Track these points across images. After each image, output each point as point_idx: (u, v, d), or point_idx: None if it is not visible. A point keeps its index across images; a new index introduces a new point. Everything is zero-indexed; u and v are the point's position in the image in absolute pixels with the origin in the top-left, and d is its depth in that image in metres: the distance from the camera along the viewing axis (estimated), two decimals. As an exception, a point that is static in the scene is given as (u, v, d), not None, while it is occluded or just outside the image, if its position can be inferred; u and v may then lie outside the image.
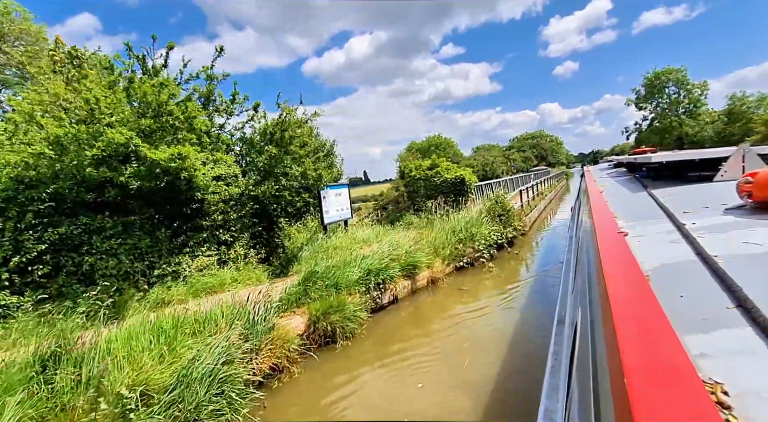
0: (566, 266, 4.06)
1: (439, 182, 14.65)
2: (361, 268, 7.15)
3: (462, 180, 14.46)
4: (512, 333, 5.95)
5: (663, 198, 2.89)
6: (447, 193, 14.62)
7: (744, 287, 1.11)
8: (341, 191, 12.32)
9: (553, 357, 2.37)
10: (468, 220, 10.94)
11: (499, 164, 62.94)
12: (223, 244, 8.78)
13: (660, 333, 0.80)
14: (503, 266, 10.04)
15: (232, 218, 8.76)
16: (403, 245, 8.52)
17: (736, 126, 44.81)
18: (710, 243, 1.57)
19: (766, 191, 1.94)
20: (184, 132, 7.20)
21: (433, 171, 14.86)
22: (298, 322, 5.78)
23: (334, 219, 11.88)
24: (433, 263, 8.88)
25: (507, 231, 11.67)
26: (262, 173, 9.60)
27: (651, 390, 0.64)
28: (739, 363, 0.85)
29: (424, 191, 14.90)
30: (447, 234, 9.94)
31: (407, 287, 7.97)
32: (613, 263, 1.33)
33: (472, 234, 10.22)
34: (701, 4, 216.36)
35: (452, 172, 14.74)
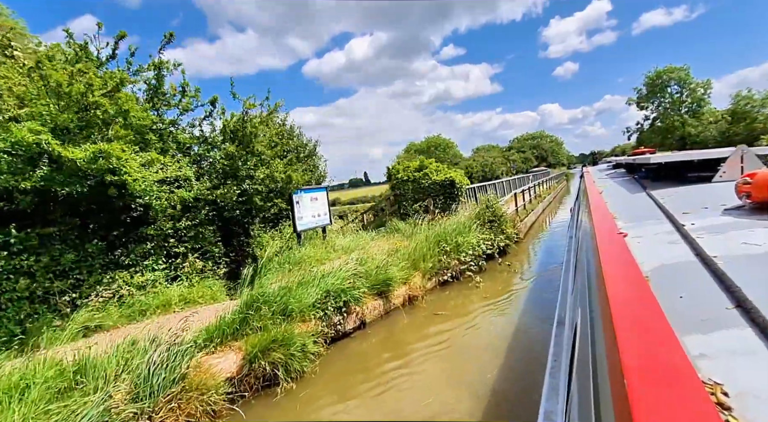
0: (566, 267, 3.98)
1: (428, 185, 13.54)
2: (320, 288, 6.05)
3: (452, 182, 13.34)
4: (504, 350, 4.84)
5: (662, 199, 2.86)
6: (436, 196, 13.52)
7: (743, 287, 1.10)
8: (318, 194, 11.23)
9: (552, 358, 2.34)
10: (455, 227, 9.81)
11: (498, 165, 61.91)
12: (176, 256, 7.69)
13: (660, 334, 0.80)
14: (493, 279, 8.92)
15: (183, 227, 7.67)
16: (374, 259, 7.41)
17: (740, 126, 43.55)
18: (709, 244, 1.56)
19: (765, 191, 1.92)
20: (117, 128, 6.11)
21: (421, 173, 13.75)
22: (231, 362, 4.68)
23: (309, 226, 10.79)
24: (411, 278, 7.78)
25: (498, 239, 10.55)
26: (221, 175, 8.51)
27: (651, 390, 0.63)
28: (739, 363, 0.83)
29: (411, 194, 13.80)
30: (430, 244, 8.83)
31: (378, 308, 6.86)
32: (612, 264, 1.31)
33: (458, 244, 9.10)
34: (701, 4, 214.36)
35: (441, 173, 13.62)
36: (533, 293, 7.74)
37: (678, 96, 47.89)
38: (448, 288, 8.47)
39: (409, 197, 13.83)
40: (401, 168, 14.23)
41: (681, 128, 46.48)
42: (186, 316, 5.16)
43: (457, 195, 13.48)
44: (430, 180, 13.52)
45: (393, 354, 5.76)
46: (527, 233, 14.00)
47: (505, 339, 5.68)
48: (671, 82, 47.52)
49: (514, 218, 12.90)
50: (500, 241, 10.57)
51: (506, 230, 10.92)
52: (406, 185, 13.88)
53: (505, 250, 10.93)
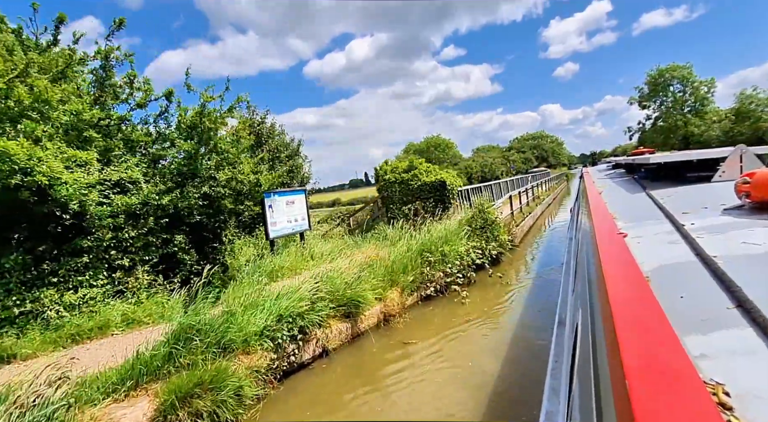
0: (566, 267, 3.93)
1: (416, 187, 12.56)
2: (271, 313, 5.07)
3: (443, 184, 12.36)
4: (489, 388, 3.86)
5: (662, 199, 2.84)
6: (425, 199, 12.54)
7: (743, 287, 1.10)
8: (295, 198, 10.25)
9: (554, 358, 2.33)
10: (441, 234, 8.83)
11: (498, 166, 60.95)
12: (119, 269, 6.73)
13: (660, 334, 0.80)
14: (482, 293, 7.94)
15: (128, 237, 6.71)
16: (343, 274, 6.43)
17: (744, 125, 42.43)
18: (709, 244, 1.54)
19: (764, 191, 1.91)
20: (28, 123, 5.15)
21: (410, 174, 12.77)
22: (140, 412, 3.71)
23: (284, 232, 9.82)
24: (387, 294, 6.80)
25: (490, 247, 9.55)
26: (176, 176, 7.55)
27: (652, 391, 0.63)
28: (740, 363, 0.83)
29: (399, 197, 12.82)
30: (412, 255, 7.84)
31: (345, 331, 5.89)
32: (612, 265, 1.31)
33: (444, 254, 8.12)
34: (701, 5, 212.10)
35: (432, 174, 12.64)
36: (527, 311, 6.75)
37: (681, 95, 46.76)
38: (432, 304, 7.49)
39: (397, 200, 12.86)
40: (389, 169, 13.26)
41: (684, 127, 45.35)
42: (71, 357, 4.18)
43: (449, 197, 12.50)
44: (420, 181, 12.55)
45: (357, 388, 4.79)
46: (523, 239, 13.00)
47: (488, 374, 4.70)
48: (674, 80, 46.38)
49: (509, 222, 11.91)
50: (492, 249, 9.58)
51: (499, 237, 9.92)
52: (393, 187, 12.90)
53: (498, 258, 9.94)
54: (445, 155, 62.93)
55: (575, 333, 1.85)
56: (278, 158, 12.53)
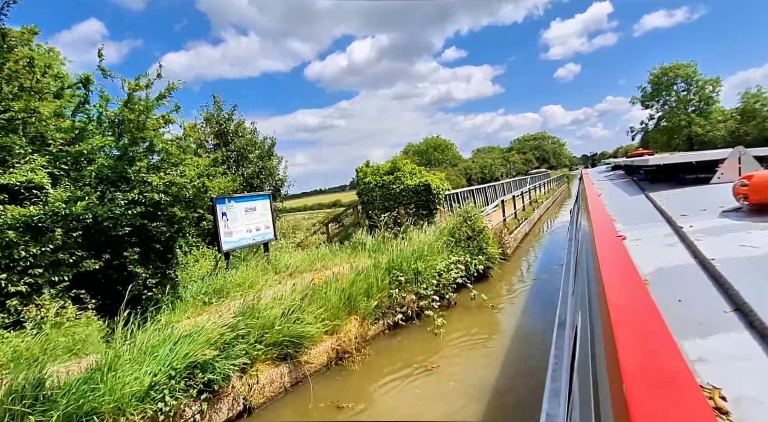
0: (566, 269, 3.94)
1: (399, 191, 11.28)
2: (162, 364, 3.79)
3: (427, 188, 11.07)
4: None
5: (660, 201, 2.81)
6: (408, 204, 11.25)
7: (741, 290, 1.10)
8: (257, 204, 9.00)
9: (554, 360, 2.30)
10: (417, 248, 7.54)
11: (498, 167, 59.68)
12: (17, 296, 5.48)
13: (658, 338, 0.79)
14: (462, 320, 6.65)
15: (27, 255, 5.46)
16: (283, 301, 5.13)
17: (750, 125, 40.91)
18: (707, 246, 1.53)
19: (762, 193, 1.91)
20: None
21: (392, 177, 11.49)
22: None
23: (242, 243, 8.57)
24: (342, 325, 5.51)
25: (476, 261, 8.26)
26: (97, 180, 6.30)
27: (649, 395, 0.62)
28: (737, 367, 0.83)
29: (379, 202, 11.54)
30: (379, 273, 6.55)
31: (279, 379, 4.60)
32: (611, 268, 1.29)
33: (417, 272, 6.83)
34: (701, 6, 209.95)
35: (416, 178, 11.36)
36: (515, 347, 5.45)
37: (685, 94, 45.22)
38: (400, 333, 6.20)
39: (378, 206, 11.58)
40: (369, 171, 11.98)
41: (688, 127, 43.84)
42: None
43: (434, 202, 11.21)
44: (402, 185, 11.27)
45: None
46: (517, 249, 11.68)
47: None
48: (677, 79, 44.84)
49: (501, 230, 10.61)
50: (479, 263, 8.27)
51: (487, 250, 8.62)
52: (374, 192, 11.62)
53: (486, 274, 8.63)
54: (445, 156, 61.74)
55: (575, 335, 1.82)
56: (246, 159, 11.27)
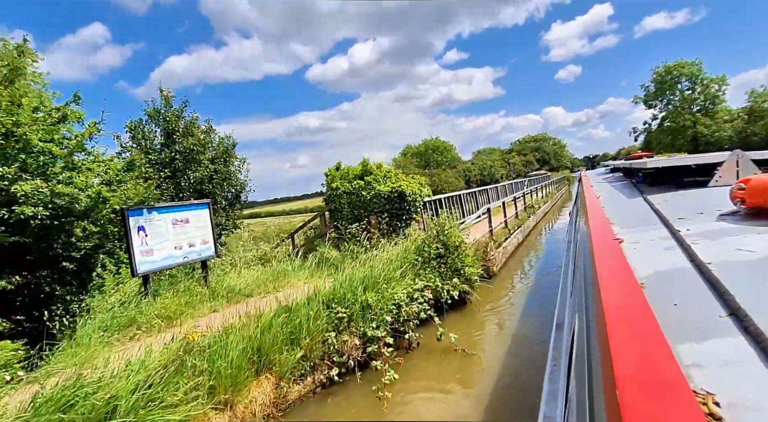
0: (565, 270, 3.96)
1: (370, 198, 9.70)
2: None
3: (400, 194, 9.49)
4: None
5: (658, 204, 2.80)
6: (380, 212, 9.68)
7: (736, 295, 1.09)
8: (190, 214, 7.45)
9: (551, 362, 2.29)
10: (369, 272, 5.96)
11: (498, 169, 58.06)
12: None
13: (653, 343, 0.77)
14: (419, 373, 5.06)
15: None
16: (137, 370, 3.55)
17: (758, 125, 39.04)
18: (704, 250, 1.52)
19: (759, 197, 1.89)
20: None
21: (362, 182, 9.92)
22: None
23: (168, 263, 7.02)
24: (245, 393, 3.94)
25: (450, 286, 6.67)
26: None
27: (642, 401, 0.61)
28: (731, 372, 0.82)
29: (348, 211, 9.97)
30: (311, 310, 4.96)
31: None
32: (607, 271, 1.28)
33: (366, 306, 5.25)
34: (702, 8, 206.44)
35: (389, 182, 9.78)
36: (497, 410, 3.86)
37: (689, 93, 43.38)
38: (335, 393, 4.61)
39: (346, 215, 10.00)
40: (338, 175, 10.42)
41: (693, 127, 41.98)
42: None
43: (410, 211, 9.62)
44: (374, 191, 9.69)
45: None
46: (507, 264, 10.06)
47: None
48: (682, 78, 43.01)
49: (487, 244, 9.01)
50: (453, 288, 6.68)
51: (465, 270, 7.02)
52: (342, 199, 10.05)
53: (464, 299, 7.04)
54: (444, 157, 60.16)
55: (572, 337, 1.82)
56: (195, 161, 9.73)
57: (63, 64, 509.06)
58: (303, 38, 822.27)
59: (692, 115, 42.31)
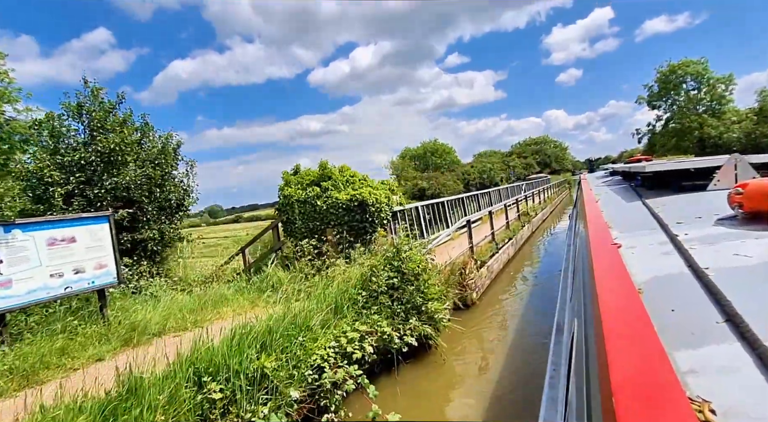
0: (564, 274, 3.92)
1: (326, 207, 7.95)
2: None
3: (361, 203, 7.74)
4: None
5: (657, 208, 2.77)
6: (339, 225, 7.94)
7: (733, 301, 1.07)
8: (77, 231, 5.74)
9: (551, 367, 2.28)
10: (270, 322, 4.19)
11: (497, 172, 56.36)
12: None
13: (649, 349, 0.77)
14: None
15: None
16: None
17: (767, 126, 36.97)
18: (702, 255, 1.50)
19: (756, 202, 1.87)
20: None
21: (318, 188, 8.18)
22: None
23: (36, 298, 5.29)
24: None
25: (407, 328, 4.89)
26: None
27: (638, 408, 0.61)
28: (727, 380, 0.81)
29: (301, 223, 8.23)
30: (167, 383, 3.20)
31: None
32: (605, 277, 1.27)
33: (260, 376, 3.48)
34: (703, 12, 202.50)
35: (350, 189, 8.04)
36: None
37: (695, 93, 41.33)
38: None
39: (299, 228, 8.26)
40: (293, 180, 8.67)
41: (699, 128, 39.92)
42: None
43: (373, 223, 7.86)
44: (331, 200, 7.94)
45: None
46: (491, 288, 8.23)
47: None
48: (687, 77, 41.01)
49: (465, 264, 7.21)
50: (411, 332, 4.90)
51: (428, 306, 5.24)
52: (293, 209, 8.31)
53: (427, 345, 5.26)
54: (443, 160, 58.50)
55: (571, 342, 1.79)
56: (119, 163, 8.02)
57: (68, 68, 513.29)
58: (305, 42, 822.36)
59: (698, 116, 40.25)
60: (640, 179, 4.58)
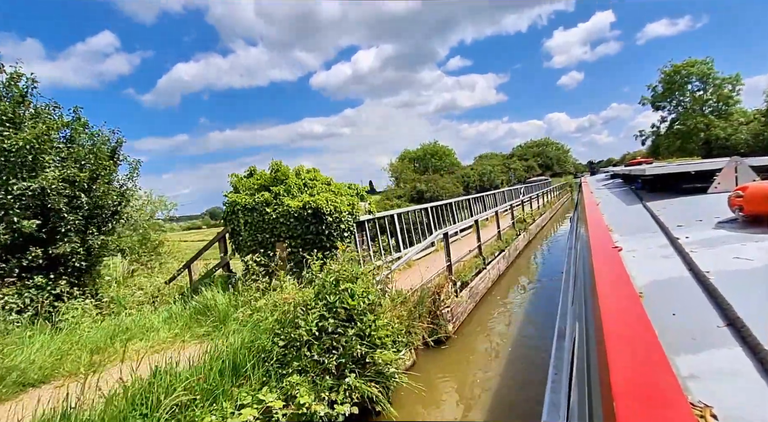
0: (566, 277, 3.92)
1: (275, 217, 6.55)
2: None
3: (315, 212, 6.34)
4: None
5: (657, 211, 2.71)
6: (290, 237, 6.54)
7: (734, 304, 1.04)
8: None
9: (553, 371, 2.25)
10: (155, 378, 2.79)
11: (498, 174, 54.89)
12: None
13: (650, 354, 0.76)
14: None
15: None
16: None
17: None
18: (702, 258, 1.46)
19: (757, 204, 1.82)
20: None
21: (268, 194, 6.78)
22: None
23: None
24: None
25: (341, 394, 3.46)
26: None
27: (639, 413, 0.60)
28: (729, 384, 0.78)
29: (248, 235, 6.83)
30: None
31: None
32: (606, 280, 1.27)
33: None
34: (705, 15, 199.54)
35: (305, 195, 6.64)
36: None
37: (701, 94, 39.68)
38: None
39: (245, 241, 6.86)
40: (242, 185, 7.27)
41: (705, 130, 38.25)
42: None
43: (330, 236, 6.45)
44: (282, 208, 6.54)
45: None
46: (475, 313, 6.76)
47: None
48: (692, 77, 39.37)
49: (441, 288, 5.77)
50: (345, 397, 3.48)
51: (375, 356, 3.80)
52: (238, 217, 6.91)
53: (373, 410, 3.82)
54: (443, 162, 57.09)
55: (573, 346, 1.76)
56: (27, 164, 6.65)
57: (72, 72, 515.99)
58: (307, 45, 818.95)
59: (705, 117, 38.59)
60: (641, 182, 4.52)
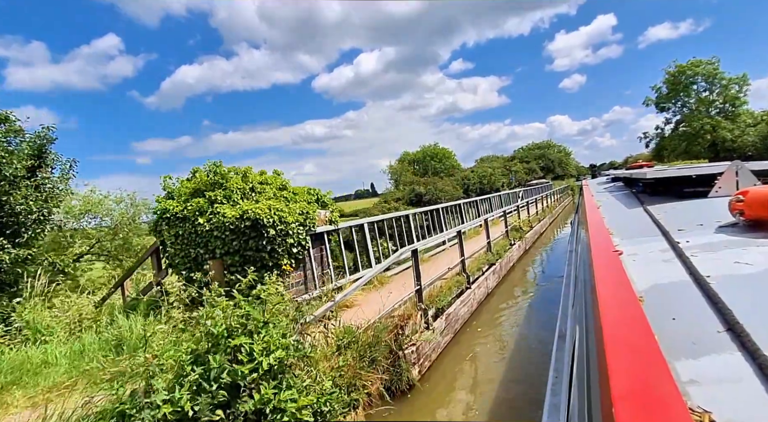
0: (566, 280, 3.92)
1: (209, 228, 5.33)
2: None
3: (254, 224, 5.11)
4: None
5: (658, 214, 2.70)
6: (227, 253, 5.31)
7: (734, 309, 1.02)
8: None
9: (553, 374, 2.25)
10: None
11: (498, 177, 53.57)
12: None
13: (650, 359, 0.74)
14: None
15: None
16: None
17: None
18: (703, 263, 1.45)
19: (757, 209, 1.81)
20: None
21: (202, 200, 5.57)
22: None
23: None
24: None
25: None
26: None
27: (638, 418, 0.59)
28: (728, 390, 0.78)
29: (180, 248, 5.63)
30: None
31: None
32: (606, 285, 1.23)
33: None
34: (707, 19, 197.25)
35: (247, 204, 5.43)
36: None
37: (706, 95, 38.28)
38: None
39: (178, 254, 5.65)
40: (176, 191, 6.06)
41: (712, 132, 36.81)
42: None
43: (274, 252, 5.24)
44: (216, 218, 5.32)
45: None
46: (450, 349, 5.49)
47: None
48: (697, 78, 37.99)
49: (408, 319, 4.54)
50: None
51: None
52: (169, 228, 5.71)
53: None
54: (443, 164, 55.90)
55: (573, 349, 1.77)
56: None
57: (76, 74, 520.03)
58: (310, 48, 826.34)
59: (711, 118, 37.16)
60: (642, 186, 4.48)
